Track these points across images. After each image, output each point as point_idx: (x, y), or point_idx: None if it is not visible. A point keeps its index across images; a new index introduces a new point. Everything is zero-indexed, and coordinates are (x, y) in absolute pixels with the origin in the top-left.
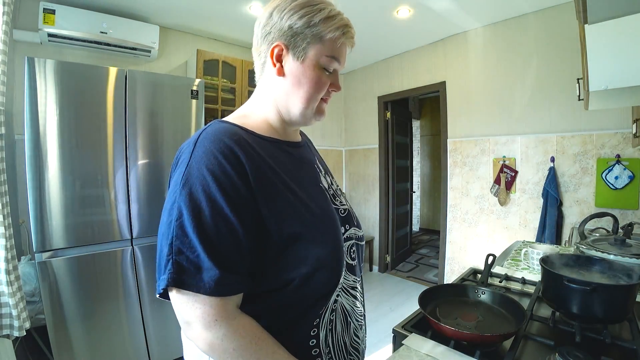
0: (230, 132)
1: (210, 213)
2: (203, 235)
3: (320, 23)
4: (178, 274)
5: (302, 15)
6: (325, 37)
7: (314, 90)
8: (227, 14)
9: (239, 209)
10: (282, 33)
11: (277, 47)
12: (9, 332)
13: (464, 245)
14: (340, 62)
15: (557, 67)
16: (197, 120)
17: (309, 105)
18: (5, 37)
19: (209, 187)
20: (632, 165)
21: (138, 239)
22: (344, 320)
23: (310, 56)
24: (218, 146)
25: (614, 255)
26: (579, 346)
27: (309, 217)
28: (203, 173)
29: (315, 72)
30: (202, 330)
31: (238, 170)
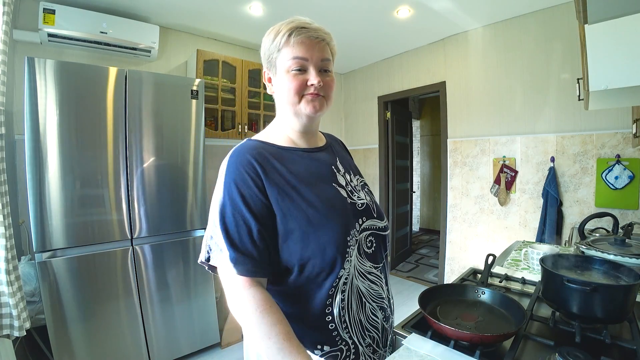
0: (250, 147)
1: (231, 211)
2: (225, 227)
3: (277, 38)
4: (208, 252)
5: (272, 39)
6: (281, 48)
7: (292, 92)
8: (227, 14)
9: (254, 207)
10: (265, 60)
11: (265, 73)
12: (9, 332)
13: (464, 245)
14: (306, 58)
15: (557, 67)
16: (197, 120)
17: (294, 106)
18: (5, 37)
19: (232, 193)
20: (632, 165)
21: (138, 238)
22: (359, 300)
23: (279, 66)
24: (241, 159)
25: (614, 255)
26: (579, 346)
27: (310, 212)
28: (230, 183)
29: (286, 76)
30: (227, 292)
31: (254, 178)
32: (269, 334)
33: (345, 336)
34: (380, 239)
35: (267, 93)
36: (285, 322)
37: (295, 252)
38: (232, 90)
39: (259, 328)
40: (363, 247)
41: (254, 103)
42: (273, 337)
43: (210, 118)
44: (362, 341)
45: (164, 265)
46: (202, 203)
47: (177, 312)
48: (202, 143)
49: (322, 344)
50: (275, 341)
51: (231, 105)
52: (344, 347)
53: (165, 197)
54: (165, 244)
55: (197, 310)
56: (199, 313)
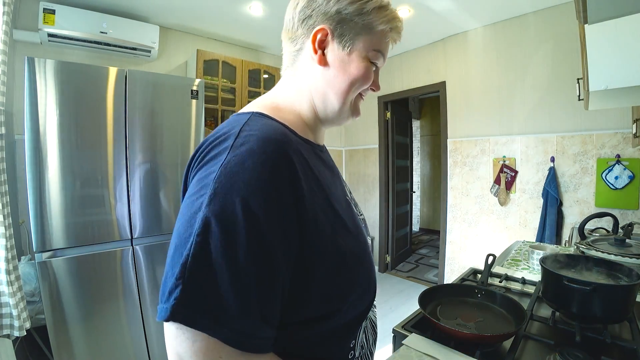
0: (280, 132)
1: (247, 237)
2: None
3: (373, 12)
4: (185, 307)
5: (353, 1)
6: (376, 29)
7: (360, 81)
8: (227, 14)
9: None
10: (328, 17)
11: (322, 32)
12: (9, 332)
13: (464, 245)
14: (385, 58)
15: (557, 67)
16: (197, 120)
17: (349, 98)
18: (5, 37)
19: (251, 204)
20: (632, 165)
21: (138, 238)
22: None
23: (358, 47)
24: (270, 150)
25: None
26: (579, 346)
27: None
28: (247, 182)
29: (364, 63)
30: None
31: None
32: None
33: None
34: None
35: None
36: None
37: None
38: (232, 90)
39: None
40: None
41: None
42: None
43: (210, 118)
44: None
45: (163, 266)
46: None
47: None
48: None
49: None
50: None
51: (231, 105)
52: None
53: (165, 197)
54: (165, 244)
55: None
56: None
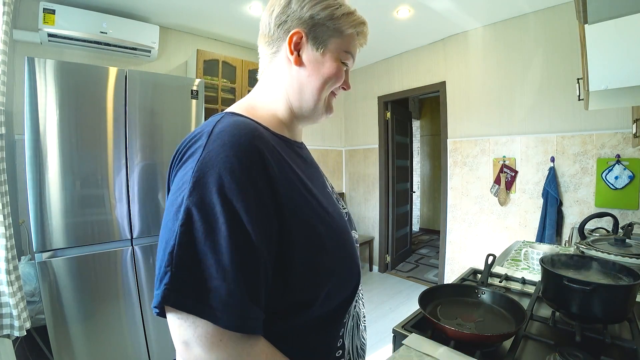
0: (249, 125)
1: (226, 221)
2: (213, 247)
3: (342, 17)
4: (176, 290)
5: (325, 7)
6: (345, 32)
7: (334, 80)
8: (227, 14)
9: (260, 215)
10: (302, 22)
11: (297, 35)
12: (9, 332)
13: (464, 245)
14: (354, 59)
15: (557, 67)
16: (197, 120)
17: (322, 96)
18: (5, 37)
19: (227, 191)
20: (632, 165)
21: (138, 238)
22: (356, 324)
23: (330, 49)
24: (239, 140)
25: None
26: (579, 346)
27: (329, 222)
28: (221, 172)
29: (335, 64)
30: (202, 353)
31: (262, 172)
32: None
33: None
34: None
35: None
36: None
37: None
38: (232, 90)
39: None
40: None
41: None
42: None
43: None
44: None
45: None
46: None
47: None
48: None
49: None
50: None
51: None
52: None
53: (165, 197)
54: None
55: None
56: None
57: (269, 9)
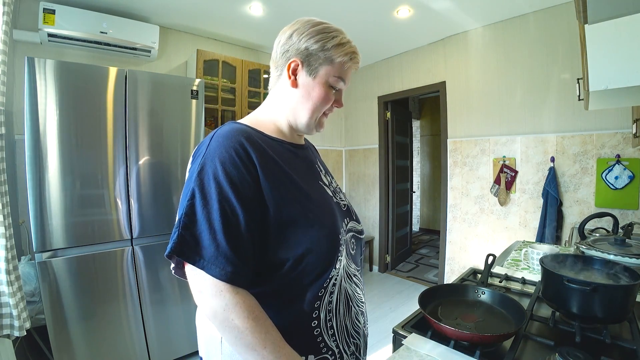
0: (241, 130)
1: (217, 197)
2: (208, 216)
3: (332, 48)
4: (180, 244)
5: (318, 40)
6: (335, 60)
7: (321, 103)
8: (227, 14)
9: (244, 195)
10: (299, 52)
11: (294, 62)
12: (9, 332)
13: (464, 245)
14: (345, 82)
15: (557, 67)
16: (197, 120)
17: (313, 116)
18: (5, 37)
19: (218, 175)
20: (632, 165)
21: (138, 238)
22: (346, 304)
23: (321, 74)
24: (230, 141)
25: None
26: (579, 346)
27: (307, 204)
28: (215, 163)
29: (324, 88)
30: (209, 298)
31: (246, 162)
32: (263, 342)
33: (331, 344)
34: (359, 242)
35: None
36: (276, 330)
37: (292, 244)
38: (232, 90)
39: (252, 337)
40: (349, 248)
41: (254, 103)
42: (268, 345)
43: (210, 118)
44: (347, 349)
45: (163, 265)
46: None
47: (177, 311)
48: None
49: (307, 354)
50: (272, 350)
51: (231, 105)
52: (329, 357)
53: (165, 197)
54: (164, 244)
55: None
56: None
57: (278, 39)
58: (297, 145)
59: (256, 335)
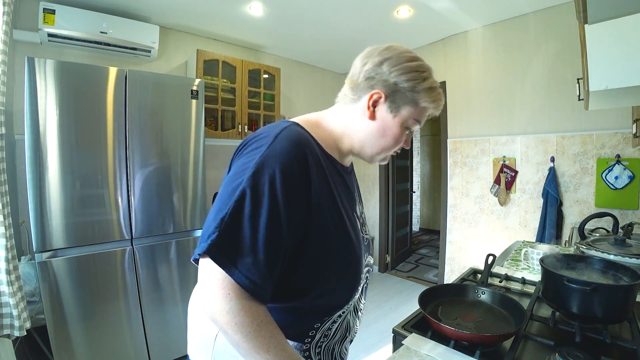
0: (307, 141)
1: (268, 207)
2: (254, 224)
3: (422, 91)
4: (218, 247)
5: (410, 79)
6: (420, 104)
7: (393, 144)
8: (227, 14)
9: (294, 213)
10: (386, 85)
11: (377, 94)
12: (9, 332)
13: (464, 245)
14: (421, 125)
15: (557, 67)
16: (197, 120)
17: (382, 153)
18: (5, 37)
19: (276, 184)
20: (632, 165)
21: (138, 239)
22: (342, 333)
23: (402, 114)
24: (296, 149)
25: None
26: (579, 346)
27: (345, 237)
28: (275, 168)
29: (400, 130)
30: (215, 297)
31: (305, 178)
32: (267, 346)
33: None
34: (369, 276)
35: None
36: (282, 334)
37: (319, 278)
38: (232, 90)
39: (256, 341)
40: (363, 284)
41: (254, 103)
42: (272, 349)
43: (210, 118)
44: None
45: (163, 265)
46: (202, 203)
47: (177, 312)
48: (202, 143)
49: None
50: (275, 354)
51: (231, 105)
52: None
53: (165, 197)
54: (165, 244)
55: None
56: None
57: (363, 59)
58: (345, 168)
59: (260, 339)
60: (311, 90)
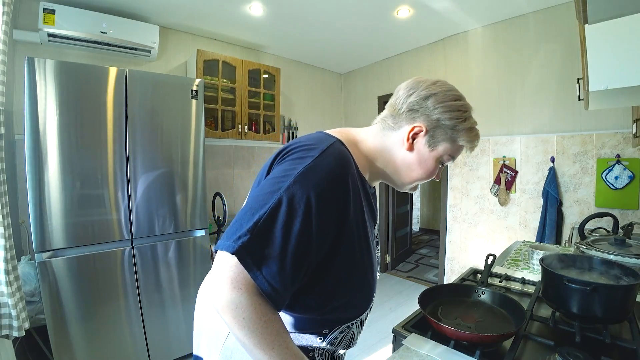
0: (350, 163)
1: (301, 222)
2: (286, 234)
3: (462, 131)
4: (247, 250)
5: (452, 118)
6: (457, 142)
7: (426, 176)
8: (227, 14)
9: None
10: (429, 120)
11: (419, 128)
12: (8, 332)
13: (464, 245)
14: (454, 160)
15: (557, 67)
16: (197, 120)
17: (413, 183)
18: (5, 37)
19: (312, 200)
20: (632, 165)
21: (138, 239)
22: (347, 343)
23: (439, 149)
24: (339, 171)
25: (614, 255)
26: (579, 346)
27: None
28: (316, 185)
29: (435, 164)
30: (226, 290)
31: (344, 199)
32: (272, 343)
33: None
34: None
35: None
36: (287, 332)
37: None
38: (232, 90)
39: (262, 337)
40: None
41: (254, 103)
42: (277, 347)
43: (210, 118)
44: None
45: (163, 266)
46: (201, 203)
47: (177, 312)
48: (202, 143)
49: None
50: (279, 351)
51: (231, 105)
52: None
53: (165, 197)
54: (164, 244)
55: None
56: None
57: (409, 90)
58: (373, 191)
59: (266, 336)
60: (311, 90)
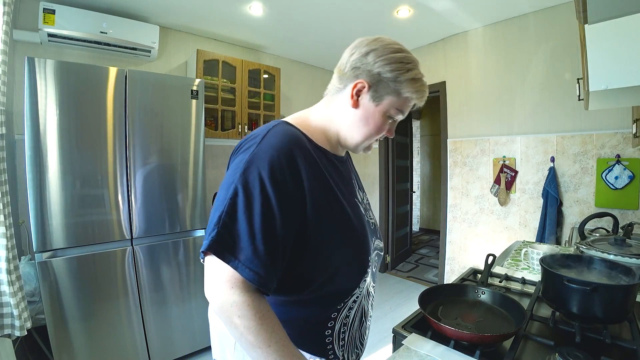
0: (294, 135)
1: (260, 200)
2: (249, 218)
3: (404, 82)
4: (218, 243)
5: (393, 70)
6: (402, 94)
7: (375, 132)
8: (227, 14)
9: (286, 204)
10: (370, 75)
11: (361, 84)
12: (9, 332)
13: (464, 245)
14: (404, 115)
15: (557, 67)
16: (197, 120)
17: (365, 140)
18: (5, 37)
19: (265, 178)
20: (632, 165)
21: (138, 238)
22: (360, 319)
23: (384, 103)
24: (281, 145)
25: (614, 255)
26: (579, 346)
27: (347, 224)
28: (263, 165)
29: (383, 118)
30: (220, 292)
31: (295, 171)
32: (267, 341)
33: (338, 352)
34: (380, 259)
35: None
36: (283, 329)
37: (326, 265)
38: (232, 90)
39: (257, 335)
40: (373, 266)
41: (254, 103)
42: (273, 344)
43: (210, 118)
44: (350, 357)
45: (163, 266)
46: (202, 203)
47: (177, 312)
48: (202, 143)
49: (314, 355)
50: (276, 349)
51: (231, 105)
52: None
53: (165, 197)
54: (165, 244)
55: (197, 310)
56: (199, 313)
57: (351, 50)
58: (340, 158)
59: (261, 333)
60: (311, 91)
